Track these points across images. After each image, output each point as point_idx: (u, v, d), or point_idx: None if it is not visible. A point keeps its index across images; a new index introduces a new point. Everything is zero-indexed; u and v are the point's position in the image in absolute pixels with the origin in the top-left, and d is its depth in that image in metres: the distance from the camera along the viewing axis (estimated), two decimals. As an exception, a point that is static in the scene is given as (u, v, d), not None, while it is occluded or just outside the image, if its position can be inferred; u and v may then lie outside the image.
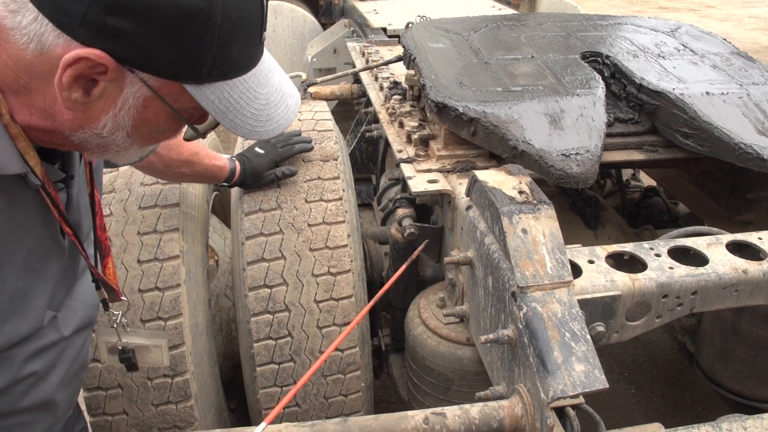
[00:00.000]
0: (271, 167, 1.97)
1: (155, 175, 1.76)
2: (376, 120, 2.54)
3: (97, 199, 1.19)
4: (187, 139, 1.09)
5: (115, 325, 1.34)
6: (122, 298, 1.28)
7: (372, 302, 1.65)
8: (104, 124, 0.91)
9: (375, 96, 2.63)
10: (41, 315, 1.05)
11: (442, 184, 1.81)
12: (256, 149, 1.98)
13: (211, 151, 1.83)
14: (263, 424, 1.18)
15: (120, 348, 1.38)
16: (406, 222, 1.92)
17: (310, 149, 2.07)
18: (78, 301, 1.16)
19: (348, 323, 1.92)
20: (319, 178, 2.03)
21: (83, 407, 1.66)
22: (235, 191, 2.04)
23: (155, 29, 0.83)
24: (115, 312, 1.31)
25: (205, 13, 0.84)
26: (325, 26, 5.06)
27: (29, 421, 1.10)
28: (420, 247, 1.90)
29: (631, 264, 1.52)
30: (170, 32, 0.83)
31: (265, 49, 0.99)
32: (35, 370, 1.06)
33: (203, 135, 1.05)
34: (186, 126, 1.01)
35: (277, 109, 0.99)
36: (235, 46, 0.90)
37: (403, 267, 1.81)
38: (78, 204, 1.11)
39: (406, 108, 2.27)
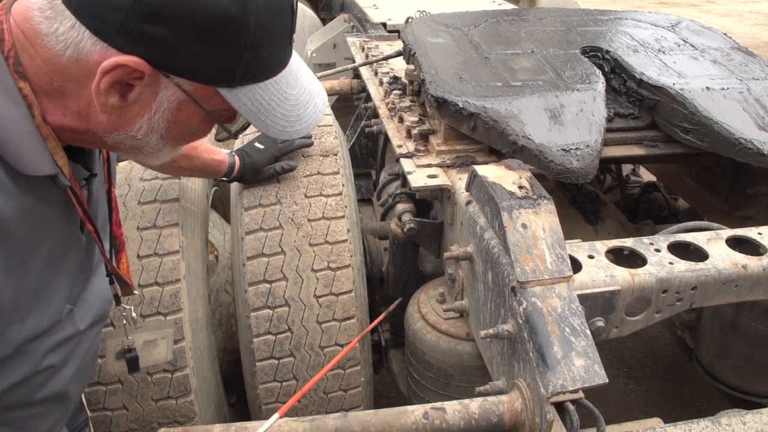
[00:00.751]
0: (270, 162, 1.97)
1: (154, 168, 1.76)
2: (376, 115, 2.53)
3: (113, 195, 1.22)
4: (219, 140, 1.13)
5: (125, 321, 1.37)
6: (135, 292, 1.31)
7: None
8: (139, 127, 0.94)
9: (375, 91, 2.63)
10: (61, 308, 1.07)
11: (441, 179, 1.81)
12: (256, 144, 1.97)
13: (210, 145, 1.83)
14: (276, 416, 1.18)
15: (126, 347, 1.41)
16: (406, 217, 1.92)
17: (310, 144, 2.07)
18: (93, 295, 1.18)
19: (348, 318, 1.93)
20: (318, 173, 2.02)
21: (84, 402, 1.66)
22: (234, 186, 2.04)
23: (191, 36, 0.85)
24: (126, 307, 1.34)
25: (238, 20, 0.86)
26: (324, 21, 5.05)
27: (43, 413, 1.12)
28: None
29: (631, 259, 1.52)
30: (205, 39, 0.86)
31: (293, 50, 1.02)
32: (53, 363, 1.08)
33: (235, 135, 1.08)
34: (216, 126, 1.04)
35: (306, 109, 1.02)
36: (267, 50, 0.92)
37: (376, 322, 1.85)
38: (96, 200, 1.14)
39: (406, 103, 2.27)
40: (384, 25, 3.79)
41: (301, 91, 1.01)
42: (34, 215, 0.95)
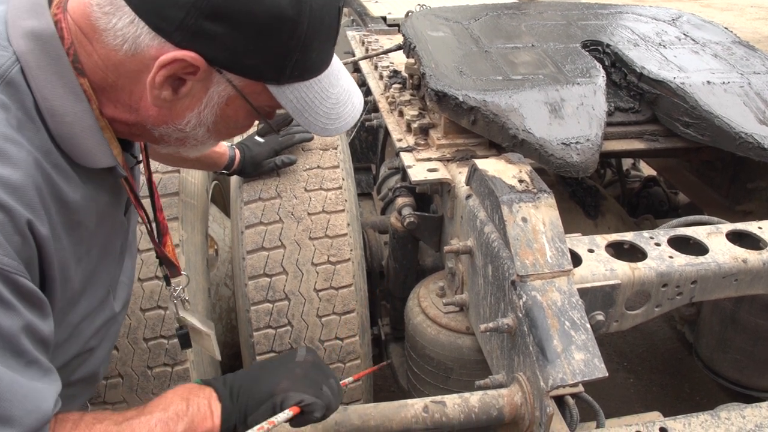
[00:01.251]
0: (270, 156, 1.96)
1: (153, 158, 1.76)
2: (376, 109, 2.53)
3: (153, 182, 1.27)
4: (260, 135, 1.16)
5: (175, 301, 1.42)
6: (182, 273, 1.37)
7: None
8: (188, 120, 0.97)
9: (375, 85, 2.62)
10: (105, 291, 1.11)
11: (441, 173, 1.81)
12: (256, 138, 1.97)
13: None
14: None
15: (178, 324, 1.45)
16: (406, 211, 1.92)
17: (310, 138, 2.06)
18: (126, 276, 1.22)
19: (347, 312, 1.93)
20: (318, 167, 2.02)
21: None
22: (234, 180, 2.03)
23: (247, 34, 0.88)
24: (176, 288, 1.39)
25: (294, 20, 0.89)
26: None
27: (74, 394, 1.14)
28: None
29: (631, 253, 1.52)
30: (261, 37, 0.88)
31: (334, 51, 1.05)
32: (93, 345, 1.12)
33: (277, 130, 1.11)
34: (258, 121, 1.07)
35: (345, 108, 1.05)
36: (315, 50, 0.96)
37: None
38: (137, 184, 1.19)
39: (406, 97, 2.26)
40: (384, 18, 3.78)
41: (341, 90, 1.05)
42: (96, 204, 0.99)
